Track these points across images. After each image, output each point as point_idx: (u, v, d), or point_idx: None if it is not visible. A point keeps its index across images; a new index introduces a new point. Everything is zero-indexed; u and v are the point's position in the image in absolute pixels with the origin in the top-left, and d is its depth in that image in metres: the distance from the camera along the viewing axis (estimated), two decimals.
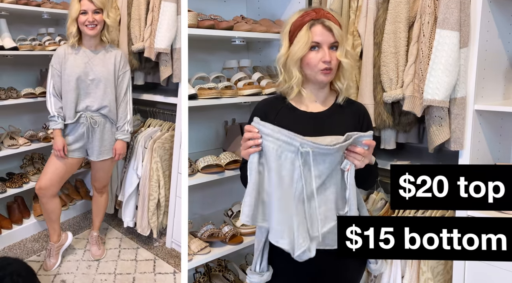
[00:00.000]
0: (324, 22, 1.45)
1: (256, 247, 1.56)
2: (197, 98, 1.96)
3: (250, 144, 1.37)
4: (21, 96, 2.83)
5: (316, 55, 1.45)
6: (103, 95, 2.43)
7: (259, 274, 1.54)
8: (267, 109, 1.56)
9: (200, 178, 2.01)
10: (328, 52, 1.45)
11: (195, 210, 2.43)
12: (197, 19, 1.96)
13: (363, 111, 1.59)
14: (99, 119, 2.46)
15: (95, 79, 2.41)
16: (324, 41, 1.45)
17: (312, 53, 1.46)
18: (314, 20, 1.46)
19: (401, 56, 1.79)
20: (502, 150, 1.91)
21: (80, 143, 2.47)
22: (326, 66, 1.45)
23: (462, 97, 1.68)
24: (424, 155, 2.09)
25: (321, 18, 1.46)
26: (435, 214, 1.94)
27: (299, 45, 1.46)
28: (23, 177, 2.92)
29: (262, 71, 2.37)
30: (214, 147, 2.52)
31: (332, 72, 1.47)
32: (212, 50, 2.42)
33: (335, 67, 1.48)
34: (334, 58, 1.46)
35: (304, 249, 1.35)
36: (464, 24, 1.64)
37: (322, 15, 1.46)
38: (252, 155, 1.36)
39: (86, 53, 2.42)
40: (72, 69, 2.37)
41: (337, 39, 1.45)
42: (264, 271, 1.55)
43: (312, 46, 1.46)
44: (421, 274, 1.80)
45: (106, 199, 2.77)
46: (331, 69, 1.46)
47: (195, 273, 2.30)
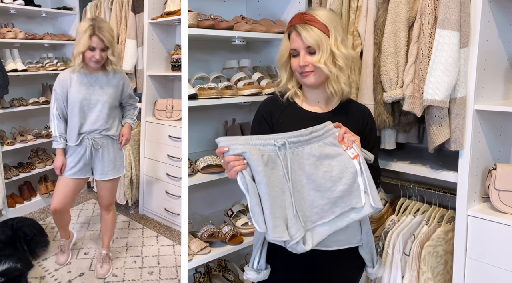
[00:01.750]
0: (296, 28, 1.48)
1: (255, 243, 1.57)
2: (197, 98, 1.96)
3: (234, 164, 1.31)
4: (29, 104, 3.79)
5: (295, 60, 1.52)
6: (106, 118, 2.49)
7: (256, 271, 1.55)
8: (272, 108, 1.59)
9: (200, 178, 2.01)
10: (304, 56, 1.48)
11: (195, 210, 2.43)
12: (197, 19, 1.95)
13: (367, 113, 1.61)
14: (101, 141, 2.51)
15: (98, 102, 2.45)
16: (298, 47, 1.49)
17: (294, 58, 1.52)
18: (291, 26, 1.50)
19: (401, 56, 1.79)
20: (502, 150, 1.91)
21: (84, 163, 2.52)
22: (301, 70, 1.49)
23: (462, 97, 1.68)
24: (424, 155, 2.09)
25: (295, 24, 1.48)
26: (435, 214, 1.94)
27: (280, 53, 1.55)
28: (30, 165, 3.87)
29: (262, 71, 2.37)
30: (214, 147, 2.50)
31: (312, 74, 1.49)
32: (212, 50, 2.42)
33: (318, 70, 1.49)
34: (311, 62, 1.47)
35: (298, 240, 1.34)
36: (464, 24, 1.64)
37: (297, 20, 1.50)
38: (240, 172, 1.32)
39: (88, 78, 2.45)
40: (75, 94, 2.42)
41: (309, 44, 1.46)
42: (261, 269, 1.55)
43: (293, 54, 1.52)
44: (421, 274, 1.80)
45: (114, 216, 2.83)
46: (310, 72, 1.48)
47: (195, 273, 2.31)
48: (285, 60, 1.55)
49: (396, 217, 1.97)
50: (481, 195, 1.81)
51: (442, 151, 2.06)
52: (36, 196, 3.91)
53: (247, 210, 2.30)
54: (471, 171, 1.73)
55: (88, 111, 2.45)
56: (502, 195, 1.72)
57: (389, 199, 2.17)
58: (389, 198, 2.18)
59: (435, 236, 1.82)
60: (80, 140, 2.47)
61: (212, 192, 2.47)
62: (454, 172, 1.78)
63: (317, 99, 1.57)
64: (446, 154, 2.01)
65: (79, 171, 2.53)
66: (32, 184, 3.95)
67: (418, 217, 1.93)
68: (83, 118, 2.44)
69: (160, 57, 3.59)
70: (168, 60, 3.63)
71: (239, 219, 2.24)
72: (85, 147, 2.49)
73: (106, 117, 2.48)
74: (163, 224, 3.53)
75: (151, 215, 3.65)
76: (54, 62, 4.05)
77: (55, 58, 4.16)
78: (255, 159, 1.32)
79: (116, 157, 2.60)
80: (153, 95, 3.58)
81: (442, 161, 1.95)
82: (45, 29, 4.29)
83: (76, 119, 2.44)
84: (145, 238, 3.28)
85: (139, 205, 3.73)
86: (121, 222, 3.57)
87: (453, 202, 1.85)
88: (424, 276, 1.80)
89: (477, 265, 1.72)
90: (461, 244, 1.76)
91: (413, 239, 1.85)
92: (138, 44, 3.43)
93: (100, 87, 2.47)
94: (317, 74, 1.49)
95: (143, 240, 3.24)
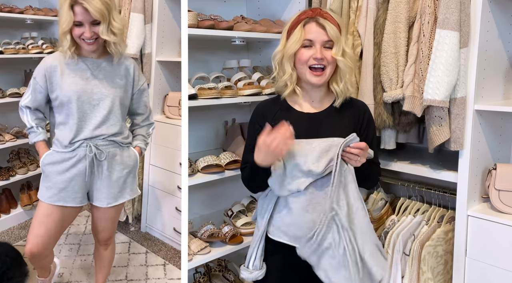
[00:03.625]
0: (318, 20, 1.47)
1: (252, 242, 1.57)
2: (197, 98, 1.96)
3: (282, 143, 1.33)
4: (7, 95, 3.03)
5: (308, 51, 1.48)
6: (114, 119, 1.86)
7: (249, 271, 1.55)
8: (265, 111, 1.58)
9: (200, 178, 2.01)
10: (320, 49, 1.46)
11: (195, 210, 2.43)
12: (197, 19, 1.95)
13: (363, 109, 1.60)
14: (107, 149, 1.85)
15: (105, 98, 1.83)
16: (317, 38, 1.47)
17: (304, 49, 1.48)
18: (309, 18, 1.48)
19: (401, 56, 1.79)
20: (502, 150, 1.91)
21: (78, 183, 1.84)
22: (316, 63, 1.46)
23: (462, 97, 1.68)
24: (424, 155, 2.09)
25: (315, 17, 1.47)
26: (435, 214, 1.94)
27: (292, 42, 1.48)
28: (10, 170, 3.10)
29: (262, 71, 2.37)
30: (214, 147, 2.52)
31: (324, 73, 1.48)
32: (212, 50, 2.42)
33: (330, 67, 1.48)
34: (328, 57, 1.46)
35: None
36: (464, 24, 1.64)
37: (317, 13, 1.48)
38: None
39: (87, 65, 1.82)
40: (70, 87, 1.78)
41: (331, 38, 1.46)
42: (256, 268, 1.55)
43: (306, 45, 1.48)
44: (421, 274, 1.80)
45: (112, 252, 2.16)
46: (322, 69, 1.47)
47: (195, 273, 2.30)
48: (293, 52, 1.49)
49: (396, 217, 1.97)
50: (481, 195, 1.81)
51: (442, 151, 2.06)
52: (17, 208, 3.18)
53: (247, 210, 2.30)
54: (471, 171, 1.73)
55: (90, 111, 1.81)
56: (502, 195, 1.72)
57: (389, 199, 2.17)
58: (389, 198, 2.18)
59: (435, 236, 1.82)
60: (73, 149, 1.81)
61: (212, 192, 2.47)
62: (454, 172, 1.78)
63: (312, 98, 1.57)
64: (446, 154, 2.01)
65: (74, 195, 1.83)
66: (12, 193, 3.20)
67: (418, 217, 1.93)
68: (82, 120, 1.80)
69: (173, 39, 2.87)
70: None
71: (239, 219, 2.24)
72: (80, 157, 1.81)
73: (113, 118, 1.85)
74: (171, 247, 2.89)
75: (157, 235, 3.04)
76: (39, 44, 3.19)
77: (40, 39, 3.31)
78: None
79: (130, 172, 1.95)
80: (163, 88, 2.91)
81: (442, 161, 1.95)
82: (27, 2, 3.36)
83: (72, 121, 1.80)
84: (149, 267, 2.68)
85: (141, 221, 3.10)
86: (120, 244, 2.89)
87: (453, 202, 1.84)
88: (424, 276, 1.80)
89: (477, 265, 1.72)
90: (461, 244, 1.76)
91: (413, 239, 1.85)
92: (146, 20, 2.71)
93: (105, 77, 1.83)
94: (328, 72, 1.49)
95: (147, 271, 2.64)
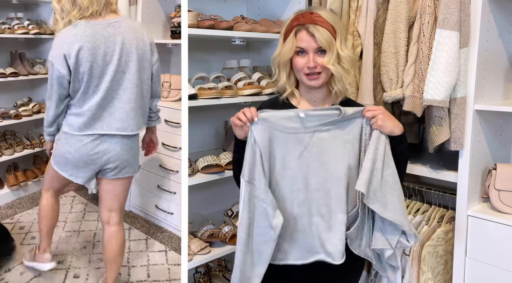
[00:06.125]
0: (308, 28, 1.46)
1: None
2: (197, 98, 1.96)
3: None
4: None
5: (302, 59, 1.48)
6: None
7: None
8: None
9: (200, 178, 2.01)
10: (313, 57, 1.46)
11: (195, 210, 2.43)
12: (197, 19, 1.95)
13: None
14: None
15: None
16: (308, 47, 1.47)
17: (299, 57, 1.49)
18: (300, 25, 1.47)
19: (401, 56, 1.79)
20: (502, 150, 1.91)
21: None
22: (309, 72, 1.47)
23: (462, 97, 1.68)
24: (424, 155, 2.09)
25: (305, 24, 1.46)
26: (435, 214, 1.94)
27: (285, 50, 1.50)
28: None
29: (262, 71, 2.37)
30: (214, 147, 2.52)
31: (320, 76, 1.48)
32: (212, 50, 2.42)
33: (325, 72, 1.48)
34: (321, 63, 1.46)
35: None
36: (464, 24, 1.64)
37: (308, 20, 1.46)
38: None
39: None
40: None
41: (321, 45, 1.45)
42: None
43: (298, 51, 1.48)
44: (421, 274, 1.80)
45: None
46: (318, 74, 1.47)
47: (195, 273, 2.30)
48: (287, 59, 1.51)
49: None
50: (481, 195, 1.81)
51: (442, 151, 2.06)
52: (3, 188, 3.26)
53: None
54: (471, 171, 1.73)
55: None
56: (502, 195, 1.72)
57: None
58: None
59: (435, 236, 1.82)
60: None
61: (212, 192, 2.47)
62: (454, 172, 1.78)
63: (313, 99, 1.57)
64: (446, 154, 2.01)
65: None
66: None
67: (418, 217, 1.93)
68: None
69: (157, 21, 2.85)
70: (166, 25, 2.88)
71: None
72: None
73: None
74: (153, 224, 3.05)
75: (139, 212, 3.18)
76: (25, 24, 3.24)
77: (26, 20, 3.34)
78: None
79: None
80: None
81: (442, 161, 1.95)
82: None
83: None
84: (132, 241, 2.82)
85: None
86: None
87: (453, 202, 1.85)
88: (424, 276, 1.80)
89: (477, 265, 1.72)
90: (461, 244, 1.76)
91: None
92: (130, 1, 2.72)
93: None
94: (324, 75, 1.49)
95: (129, 245, 2.76)
